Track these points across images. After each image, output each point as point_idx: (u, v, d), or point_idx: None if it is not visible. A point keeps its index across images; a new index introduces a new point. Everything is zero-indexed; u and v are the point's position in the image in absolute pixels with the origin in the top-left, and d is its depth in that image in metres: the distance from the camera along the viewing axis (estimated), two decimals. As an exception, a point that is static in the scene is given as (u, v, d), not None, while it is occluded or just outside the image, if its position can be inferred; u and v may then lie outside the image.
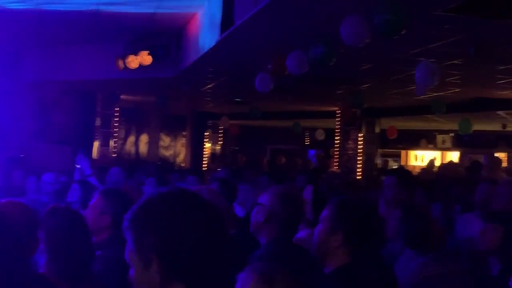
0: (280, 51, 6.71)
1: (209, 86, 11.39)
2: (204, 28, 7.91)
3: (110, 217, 3.31)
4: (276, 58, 6.95)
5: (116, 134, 14.37)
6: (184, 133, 17.13)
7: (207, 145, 17.51)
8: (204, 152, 17.04)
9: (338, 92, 11.29)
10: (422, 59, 6.81)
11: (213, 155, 18.23)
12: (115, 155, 14.16)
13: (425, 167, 15.95)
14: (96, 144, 13.43)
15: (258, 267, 2.06)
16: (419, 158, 19.80)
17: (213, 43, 7.24)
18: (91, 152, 12.68)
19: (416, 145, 19.33)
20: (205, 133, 17.22)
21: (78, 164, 7.65)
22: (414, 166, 18.01)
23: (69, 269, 2.62)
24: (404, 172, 5.21)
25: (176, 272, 1.57)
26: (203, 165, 16.45)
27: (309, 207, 4.34)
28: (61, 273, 2.60)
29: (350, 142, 14.38)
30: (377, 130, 14.62)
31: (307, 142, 20.08)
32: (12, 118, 11.20)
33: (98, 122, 13.61)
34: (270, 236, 2.98)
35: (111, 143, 14.16)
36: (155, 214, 1.61)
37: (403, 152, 19.98)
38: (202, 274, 1.59)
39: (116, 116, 14.16)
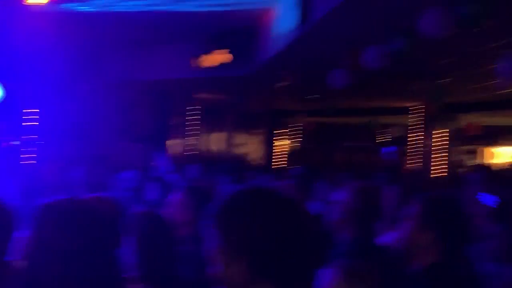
0: (356, 46, 6.61)
1: (284, 83, 11.36)
2: (280, 25, 7.90)
3: (193, 212, 3.36)
4: (352, 53, 6.85)
5: (193, 132, 14.62)
6: (259, 130, 17.20)
7: (283, 142, 17.51)
8: (279, 150, 17.05)
9: (416, 87, 11.01)
10: (506, 51, 6.53)
11: (288, 152, 18.20)
12: (192, 152, 14.41)
13: (508, 164, 15.33)
14: (173, 142, 13.72)
15: (344, 263, 2.02)
16: (499, 155, 19.02)
17: (289, 40, 7.22)
18: (169, 150, 12.97)
19: (497, 142, 18.57)
20: (280, 131, 17.22)
21: (157, 162, 7.84)
22: (494, 164, 17.33)
23: (158, 272, 2.66)
24: (488, 169, 5.02)
25: (262, 269, 1.54)
26: (279, 163, 16.46)
27: (390, 205, 4.25)
28: (149, 276, 2.64)
29: (427, 138, 14.01)
30: (456, 126, 14.16)
31: (381, 139, 19.71)
32: (96, 117, 11.63)
33: (175, 120, 13.89)
34: (349, 233, 2.95)
35: (188, 141, 14.42)
36: (242, 211, 1.59)
37: (482, 149, 19.26)
38: (288, 271, 1.57)
39: (193, 115, 14.41)
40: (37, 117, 9.61)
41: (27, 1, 7.29)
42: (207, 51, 9.87)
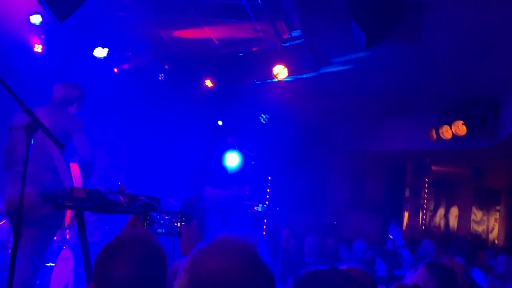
0: None
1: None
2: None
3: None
4: None
5: (425, 206, 14.14)
6: (498, 207, 16.00)
7: (525, 221, 16.05)
8: (522, 229, 15.66)
9: None
10: None
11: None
12: (424, 227, 13.89)
13: None
14: (406, 215, 13.39)
15: None
16: None
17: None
18: (402, 223, 12.66)
19: None
20: (523, 208, 15.85)
21: (391, 235, 7.67)
22: None
23: None
24: None
25: None
26: (521, 244, 15.07)
27: None
28: None
29: None
30: None
31: None
32: (328, 186, 11.87)
33: (407, 192, 13.59)
34: None
35: (420, 214, 13.97)
36: None
37: None
38: None
39: (426, 187, 13.97)
40: (272, 183, 10.10)
41: (279, 78, 7.73)
42: (446, 122, 9.55)
